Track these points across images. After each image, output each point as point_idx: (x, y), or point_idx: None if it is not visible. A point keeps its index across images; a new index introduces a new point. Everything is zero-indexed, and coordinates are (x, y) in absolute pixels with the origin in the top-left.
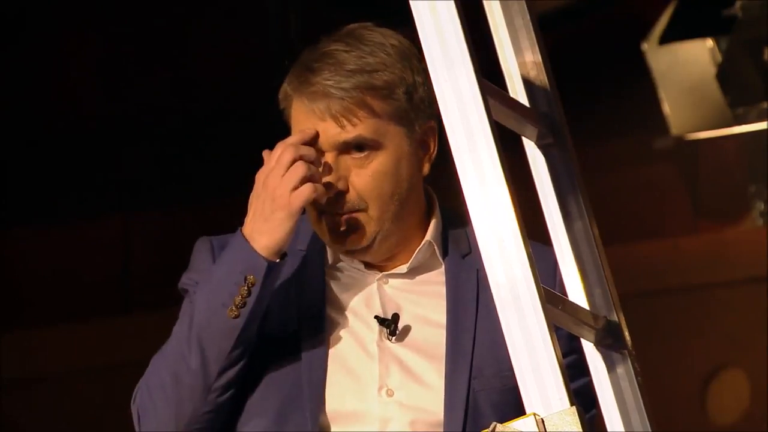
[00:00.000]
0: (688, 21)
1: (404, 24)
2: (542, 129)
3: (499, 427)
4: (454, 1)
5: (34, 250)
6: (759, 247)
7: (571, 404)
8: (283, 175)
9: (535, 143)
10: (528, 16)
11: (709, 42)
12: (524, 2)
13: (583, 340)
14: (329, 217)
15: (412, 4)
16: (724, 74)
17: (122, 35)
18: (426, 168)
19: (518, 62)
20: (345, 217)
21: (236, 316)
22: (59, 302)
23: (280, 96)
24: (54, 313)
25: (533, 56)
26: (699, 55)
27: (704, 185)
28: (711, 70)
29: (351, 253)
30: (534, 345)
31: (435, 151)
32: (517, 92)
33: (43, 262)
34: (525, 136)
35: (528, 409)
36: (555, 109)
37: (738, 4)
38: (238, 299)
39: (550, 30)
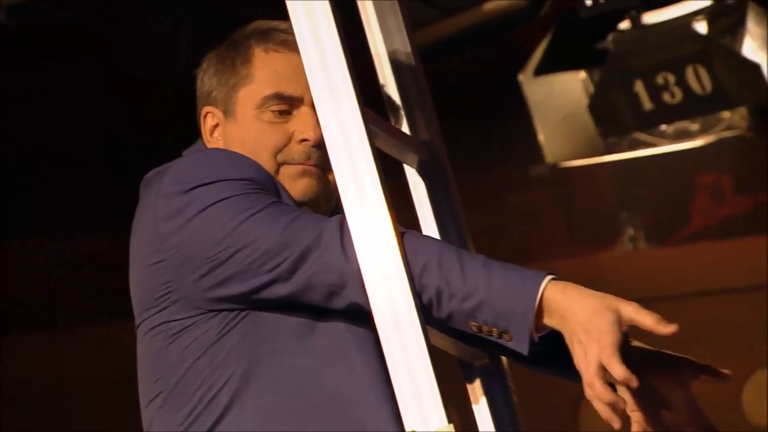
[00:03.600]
0: (563, 53)
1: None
2: (423, 156)
3: None
4: (337, 30)
5: None
6: (632, 270)
7: (449, 422)
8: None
9: (416, 171)
10: (410, 50)
11: (582, 74)
12: (407, 37)
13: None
14: (317, 171)
15: (296, 31)
16: (597, 105)
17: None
18: None
19: (400, 92)
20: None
21: None
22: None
23: (239, 60)
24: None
25: (415, 87)
26: (573, 86)
27: (578, 211)
28: (584, 101)
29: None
30: (414, 367)
31: None
32: (399, 120)
33: None
34: (406, 164)
35: (407, 426)
36: (435, 137)
37: (610, 38)
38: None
39: (431, 61)
